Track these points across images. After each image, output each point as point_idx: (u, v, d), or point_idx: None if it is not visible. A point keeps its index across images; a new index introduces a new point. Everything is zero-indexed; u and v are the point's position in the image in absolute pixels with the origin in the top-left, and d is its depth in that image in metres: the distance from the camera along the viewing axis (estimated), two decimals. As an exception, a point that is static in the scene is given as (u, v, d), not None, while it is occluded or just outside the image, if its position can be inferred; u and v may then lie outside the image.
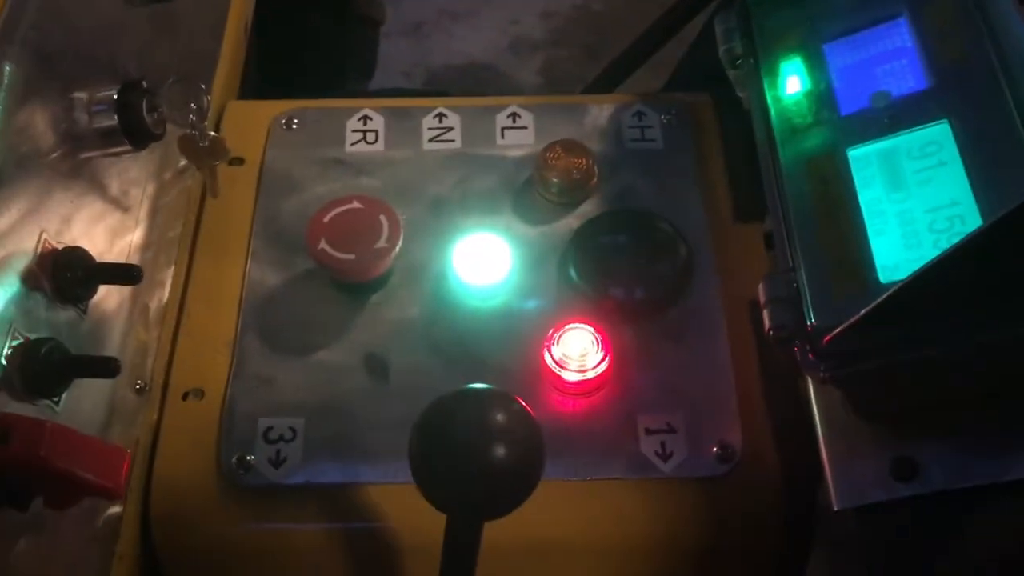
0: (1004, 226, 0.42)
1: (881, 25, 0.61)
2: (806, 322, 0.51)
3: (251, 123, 0.71)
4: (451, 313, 0.62)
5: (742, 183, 0.68)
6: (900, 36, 0.60)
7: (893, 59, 0.59)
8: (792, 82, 0.62)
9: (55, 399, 0.49)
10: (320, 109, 0.72)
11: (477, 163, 0.69)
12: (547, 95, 0.76)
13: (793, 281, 0.53)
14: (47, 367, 0.47)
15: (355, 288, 0.63)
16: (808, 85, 0.61)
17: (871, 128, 0.57)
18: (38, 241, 0.49)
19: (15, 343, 0.46)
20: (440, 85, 1.79)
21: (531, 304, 0.62)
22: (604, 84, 0.84)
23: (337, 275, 0.62)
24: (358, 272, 0.61)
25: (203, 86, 0.58)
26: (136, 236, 0.59)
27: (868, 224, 0.54)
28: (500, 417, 0.44)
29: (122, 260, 0.57)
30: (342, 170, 0.68)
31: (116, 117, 0.55)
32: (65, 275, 0.50)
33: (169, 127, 0.59)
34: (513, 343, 0.61)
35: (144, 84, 0.56)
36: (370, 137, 0.70)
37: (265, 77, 1.07)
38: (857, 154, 0.57)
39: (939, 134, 0.55)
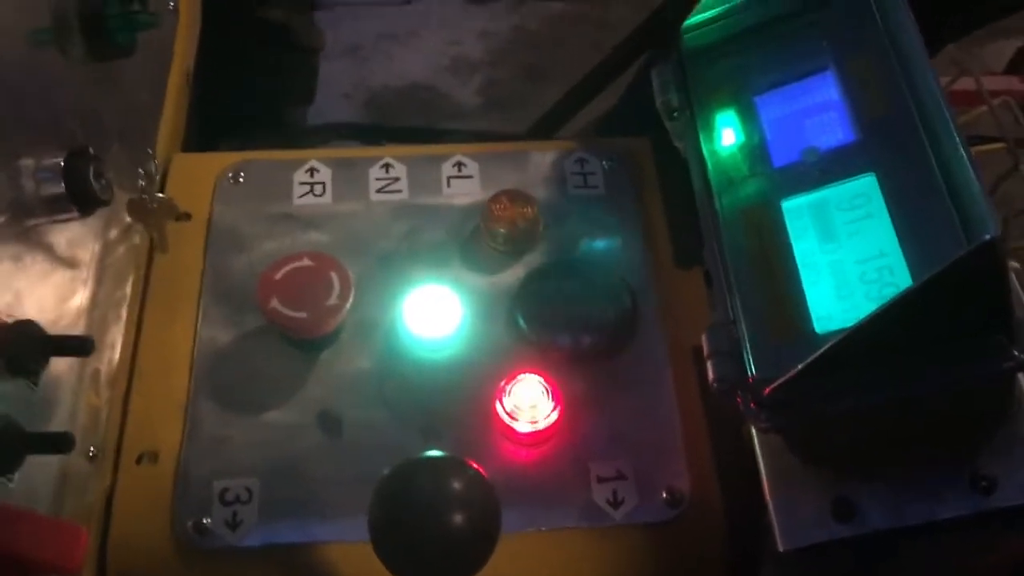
0: (932, 285, 0.45)
1: (809, 78, 0.64)
2: (747, 374, 0.53)
3: (197, 177, 0.71)
4: (403, 366, 0.63)
5: (683, 227, 0.70)
6: (827, 89, 0.63)
7: (821, 112, 0.62)
8: (727, 134, 0.64)
9: (9, 476, 0.49)
10: (266, 161, 0.72)
11: (424, 213, 0.70)
12: (489, 142, 0.78)
13: (734, 333, 0.55)
14: (1, 445, 0.47)
15: (307, 344, 0.64)
16: (742, 138, 0.63)
17: (803, 180, 0.60)
18: (-12, 316, 0.49)
19: (-33, 424, 0.46)
20: (381, 107, 1.80)
21: (481, 355, 0.64)
22: (544, 127, 0.85)
23: (289, 332, 0.62)
24: (310, 329, 0.62)
25: (149, 150, 0.58)
26: (84, 298, 0.59)
27: (803, 275, 0.56)
28: (456, 484, 0.45)
29: (71, 323, 0.57)
30: (290, 224, 0.69)
31: (63, 184, 0.55)
32: (17, 350, 0.50)
33: (116, 189, 0.59)
34: (465, 395, 0.62)
35: (90, 150, 0.56)
36: (317, 189, 0.71)
37: (205, 117, 1.07)
38: (790, 205, 0.59)
39: (866, 186, 0.57)
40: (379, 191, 0.71)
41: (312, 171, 0.72)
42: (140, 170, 0.57)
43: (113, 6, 0.57)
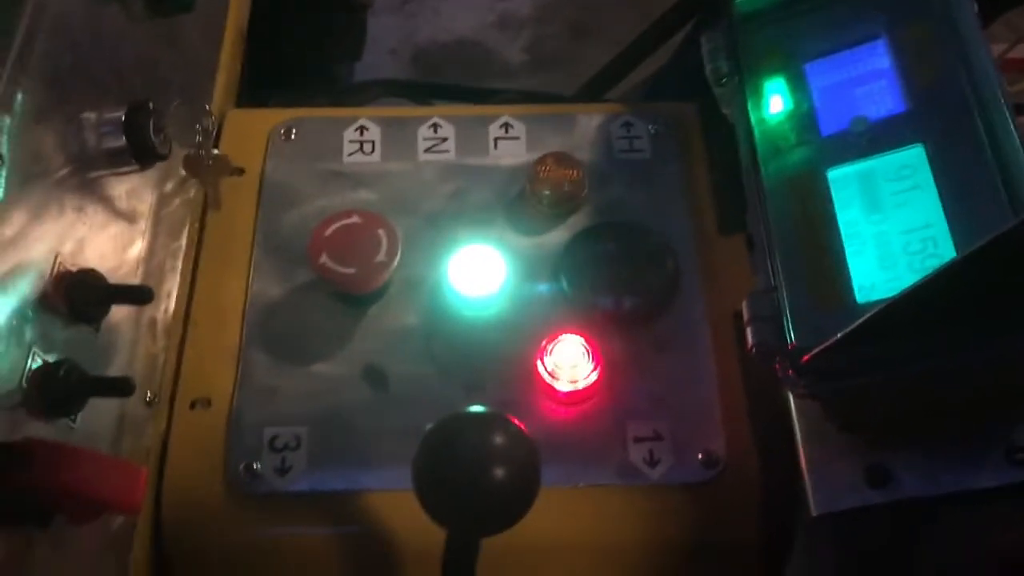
0: (976, 258, 0.45)
1: (860, 46, 0.63)
2: (787, 341, 0.54)
3: (250, 133, 0.73)
4: (447, 324, 0.65)
5: (727, 194, 0.71)
6: (878, 58, 0.62)
7: (871, 81, 0.62)
8: (775, 102, 0.64)
9: (72, 417, 0.51)
10: (317, 119, 0.74)
11: (471, 174, 0.71)
12: (537, 104, 0.78)
13: (775, 300, 0.56)
14: (66, 388, 0.50)
15: (354, 299, 0.65)
16: (790, 105, 0.63)
17: (850, 149, 0.60)
18: (53, 264, 0.51)
19: (35, 366, 0.48)
20: (427, 63, 1.80)
21: (524, 314, 0.65)
22: (592, 90, 0.86)
23: (337, 287, 0.64)
24: (358, 285, 0.63)
25: (207, 106, 0.60)
26: (141, 248, 0.61)
27: (846, 244, 0.56)
28: (499, 440, 0.46)
29: (129, 272, 0.59)
30: (340, 181, 0.70)
31: (124, 138, 0.57)
32: (80, 297, 0.52)
33: (173, 144, 0.61)
34: (507, 353, 0.63)
35: (150, 105, 0.58)
36: (367, 148, 0.72)
37: (257, 72, 1.08)
38: (836, 175, 0.59)
39: (914, 158, 0.57)
40: (427, 151, 0.72)
41: (362, 129, 0.73)
42: (197, 126, 0.59)
43: (174, -38, 0.58)
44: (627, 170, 0.71)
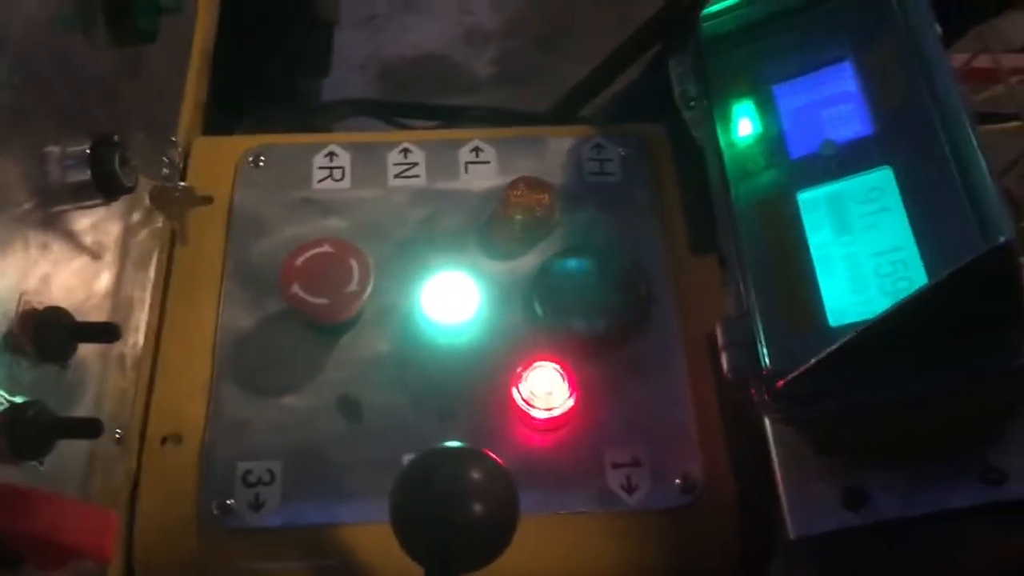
0: (945, 286, 0.45)
1: (827, 68, 0.64)
2: (761, 366, 0.54)
3: (218, 160, 0.72)
4: (421, 352, 0.64)
5: (698, 214, 0.71)
6: (845, 80, 0.63)
7: (839, 103, 0.62)
8: (744, 124, 0.64)
9: (40, 459, 0.50)
10: (286, 145, 0.73)
11: (442, 199, 0.71)
12: (507, 127, 0.78)
13: (748, 325, 0.56)
14: (34, 431, 0.48)
15: (327, 329, 0.65)
16: (759, 128, 0.63)
17: (819, 172, 0.60)
18: (18, 303, 0.50)
19: (1, 409, 0.47)
20: (396, 78, 1.80)
21: (498, 341, 0.65)
22: (562, 109, 0.85)
23: (309, 318, 0.63)
24: (330, 315, 0.63)
25: (173, 139, 0.59)
26: (109, 283, 0.60)
27: (817, 268, 0.57)
28: (477, 475, 0.46)
29: (96, 307, 0.58)
30: (310, 209, 0.70)
31: (89, 172, 0.56)
32: (47, 336, 0.51)
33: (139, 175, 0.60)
34: (482, 380, 0.63)
35: (115, 138, 0.57)
36: (336, 174, 0.71)
37: (222, 93, 1.07)
38: (806, 198, 0.59)
39: (882, 180, 0.58)
40: (397, 176, 0.72)
41: (331, 155, 0.72)
42: (163, 158, 0.58)
43: (138, -9, 0.57)
44: (598, 193, 0.71)
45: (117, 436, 0.59)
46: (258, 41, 1.16)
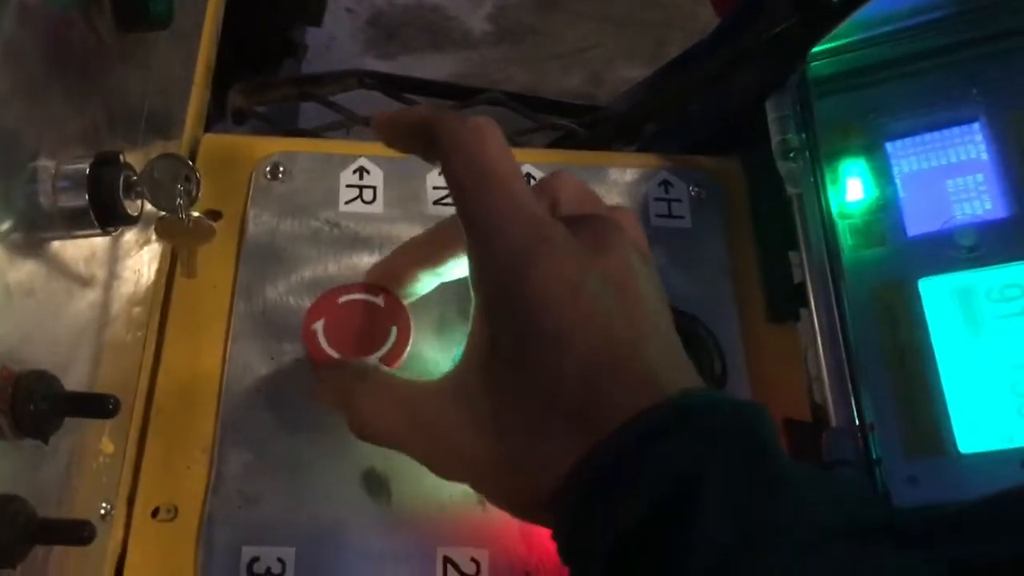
0: None
1: (953, 127, 0.55)
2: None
3: (229, 166, 0.62)
4: (461, 422, 0.55)
5: (775, 273, 0.62)
6: (974, 145, 0.55)
7: (966, 172, 0.54)
8: (853, 187, 0.56)
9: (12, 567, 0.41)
10: (309, 155, 0.63)
11: (488, 234, 0.61)
12: (560, 150, 0.69)
13: (860, 441, 0.48)
14: (11, 536, 0.39)
15: (352, 386, 0.55)
16: (873, 193, 0.55)
17: (944, 256, 0.52)
18: (-7, 368, 0.40)
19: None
20: (385, 24, 1.75)
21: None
22: (610, 125, 0.76)
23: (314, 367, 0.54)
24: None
25: (190, 163, 0.49)
26: (99, 328, 0.50)
27: (944, 378, 0.49)
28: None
29: (86, 362, 0.48)
30: (335, 235, 0.60)
31: (87, 197, 0.46)
32: (29, 410, 0.41)
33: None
34: (530, 461, 0.54)
35: (121, 157, 0.47)
36: (367, 195, 0.62)
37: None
38: (928, 287, 0.51)
39: (1021, 275, 0.50)
40: (436, 202, 0.62)
41: (361, 172, 0.62)
42: (179, 186, 0.48)
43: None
44: (666, 239, 0.62)
45: (103, 512, 0.49)
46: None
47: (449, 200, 0.61)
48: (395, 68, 1.61)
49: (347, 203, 0.61)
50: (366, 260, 0.59)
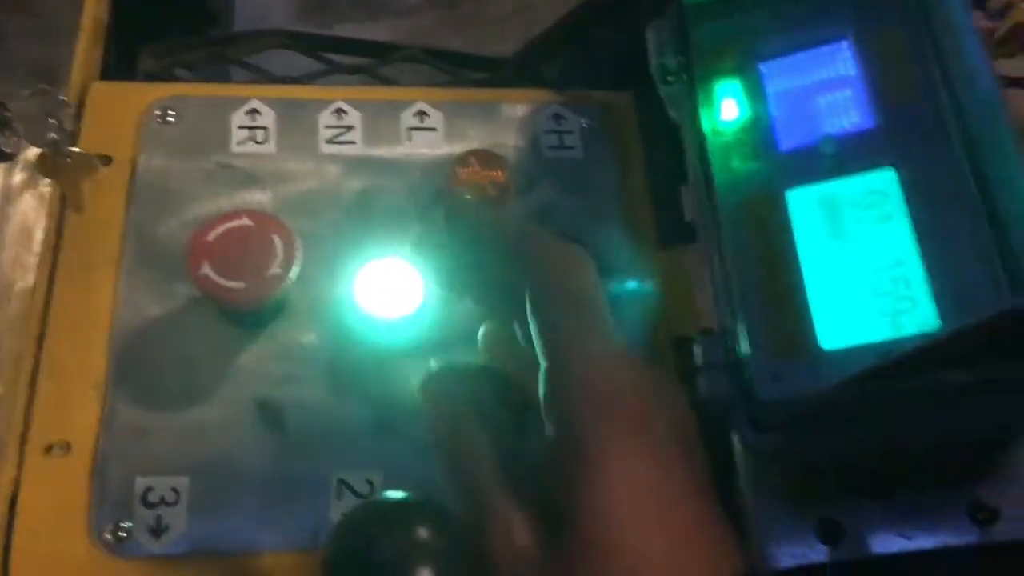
0: (958, 338, 0.40)
1: (823, 46, 0.57)
2: (743, 391, 0.48)
3: (119, 112, 0.62)
4: (354, 350, 0.56)
5: (665, 200, 0.64)
6: (844, 62, 0.56)
7: (836, 88, 0.55)
8: (728, 107, 0.57)
9: None
10: (200, 98, 0.63)
11: (381, 170, 0.62)
12: (454, 88, 0.69)
13: (730, 344, 0.50)
14: None
15: (244, 320, 0.56)
16: (746, 112, 0.56)
17: (812, 168, 0.53)
18: None
19: None
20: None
21: (445, 338, 0.57)
22: (516, 66, 0.77)
23: (223, 305, 0.55)
24: (248, 302, 0.54)
25: (62, 97, 0.49)
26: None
27: (807, 280, 0.50)
28: (424, 534, 0.39)
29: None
30: (228, 176, 0.60)
31: (-42, 135, 0.46)
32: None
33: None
34: (423, 385, 0.56)
35: (-9, 95, 0.47)
36: (259, 135, 0.62)
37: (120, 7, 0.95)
38: (795, 197, 0.53)
39: (884, 182, 0.51)
40: (330, 141, 0.63)
41: (254, 112, 0.63)
42: (50, 120, 0.48)
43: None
44: (556, 169, 0.64)
45: (-9, 447, 0.50)
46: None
47: (342, 138, 0.62)
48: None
49: (239, 144, 0.62)
50: (258, 197, 0.60)
